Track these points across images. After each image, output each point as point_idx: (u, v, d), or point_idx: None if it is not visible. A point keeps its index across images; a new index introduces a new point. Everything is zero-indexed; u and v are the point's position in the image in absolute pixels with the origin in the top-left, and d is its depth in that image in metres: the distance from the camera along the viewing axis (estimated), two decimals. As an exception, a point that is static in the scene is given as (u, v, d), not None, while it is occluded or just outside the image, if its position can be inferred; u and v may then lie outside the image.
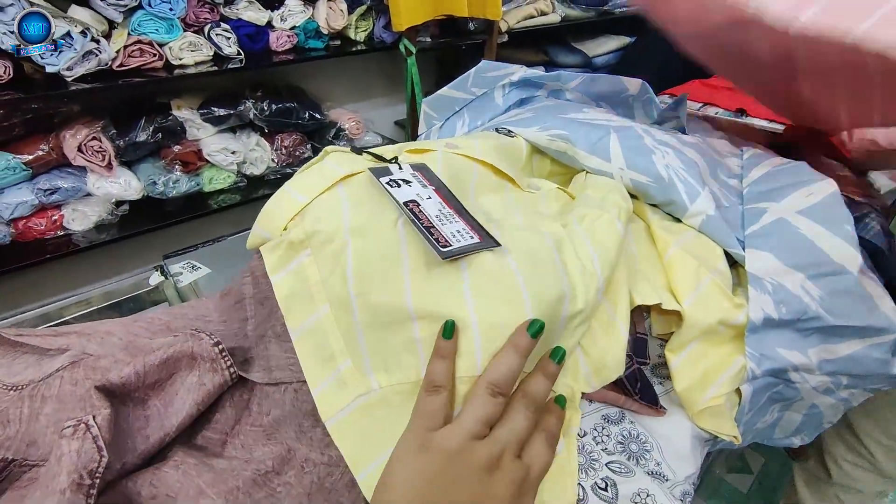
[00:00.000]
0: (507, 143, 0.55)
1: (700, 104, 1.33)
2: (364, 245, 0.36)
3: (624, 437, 0.39)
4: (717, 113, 1.14)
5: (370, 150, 0.45)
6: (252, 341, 0.42)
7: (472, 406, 0.30)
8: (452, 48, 1.69)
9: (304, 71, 1.59)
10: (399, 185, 0.38)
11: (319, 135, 1.54)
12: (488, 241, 0.36)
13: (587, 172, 0.53)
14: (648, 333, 0.47)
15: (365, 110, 1.72)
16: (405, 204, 0.36)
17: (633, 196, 0.53)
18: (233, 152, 1.38)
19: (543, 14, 1.76)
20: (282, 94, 1.47)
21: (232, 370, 0.39)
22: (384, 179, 0.39)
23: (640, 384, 0.40)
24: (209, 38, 1.24)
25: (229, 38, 1.26)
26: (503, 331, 0.32)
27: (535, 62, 1.89)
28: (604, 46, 2.09)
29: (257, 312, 0.44)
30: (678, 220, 0.50)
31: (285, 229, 0.39)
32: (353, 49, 1.48)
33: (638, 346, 0.44)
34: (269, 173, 1.49)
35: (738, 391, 0.44)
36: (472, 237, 0.35)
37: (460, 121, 0.70)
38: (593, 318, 0.41)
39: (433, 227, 0.35)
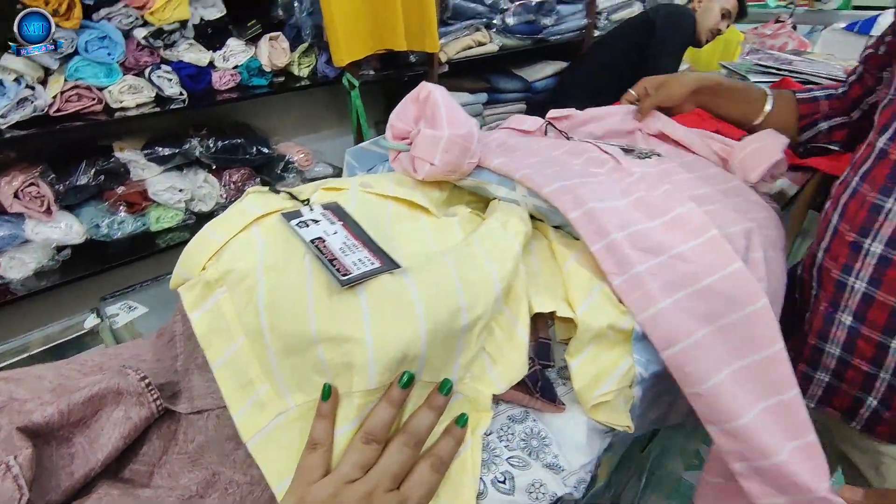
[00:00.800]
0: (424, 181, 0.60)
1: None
2: (274, 280, 0.39)
3: (527, 434, 0.43)
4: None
5: (287, 189, 0.49)
6: (180, 375, 0.44)
7: (347, 455, 0.34)
8: (395, 79, 1.76)
9: (249, 107, 1.62)
10: (308, 225, 0.42)
11: (268, 169, 1.57)
12: (389, 265, 0.40)
13: (498, 200, 0.59)
14: (553, 339, 0.52)
15: (313, 142, 1.76)
16: (311, 241, 0.40)
17: (539, 218, 0.59)
18: (180, 190, 1.39)
19: (481, 44, 1.86)
20: (227, 131, 1.50)
21: (158, 402, 0.41)
22: (294, 222, 0.43)
23: (541, 383, 0.45)
24: (150, 80, 1.26)
25: (171, 80, 1.28)
26: (396, 345, 0.36)
27: (477, 89, 1.99)
28: (542, 72, 2.22)
29: (185, 348, 0.46)
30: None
31: (204, 268, 0.42)
32: (298, 85, 1.52)
33: (541, 350, 0.49)
34: (219, 209, 1.50)
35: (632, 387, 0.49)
36: (373, 263, 0.40)
37: (379, 168, 0.75)
38: (497, 325, 0.45)
39: (336, 258, 0.39)
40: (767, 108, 0.81)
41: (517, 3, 1.89)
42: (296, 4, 1.39)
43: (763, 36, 2.66)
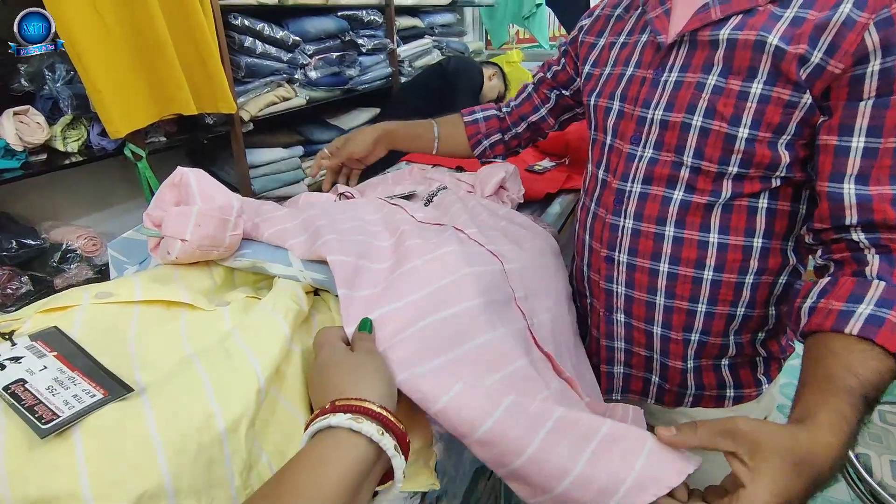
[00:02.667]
0: (190, 269, 0.56)
1: (431, 165, 1.50)
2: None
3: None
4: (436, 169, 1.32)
5: (-14, 320, 0.40)
6: None
7: None
8: (194, 143, 1.64)
9: (4, 193, 1.35)
10: (4, 367, 0.35)
11: (40, 262, 1.31)
12: (117, 392, 0.35)
13: (277, 278, 0.57)
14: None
15: (102, 222, 1.53)
16: (6, 388, 0.34)
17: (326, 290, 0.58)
18: None
19: (286, 99, 1.84)
20: (-26, 225, 1.22)
21: None
22: (-19, 365, 0.35)
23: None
24: None
25: None
26: (125, 490, 0.31)
27: (291, 143, 1.95)
28: (357, 119, 2.28)
29: None
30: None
31: None
32: (67, 162, 1.31)
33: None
34: (-28, 323, 1.20)
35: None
36: (93, 396, 0.34)
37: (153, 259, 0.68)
38: (273, 420, 0.43)
39: (39, 402, 0.33)
40: (435, 135, 0.95)
41: (317, 57, 1.92)
42: (47, 74, 1.21)
43: (544, 73, 3.09)
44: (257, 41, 1.65)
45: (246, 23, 1.61)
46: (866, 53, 0.50)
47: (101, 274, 1.37)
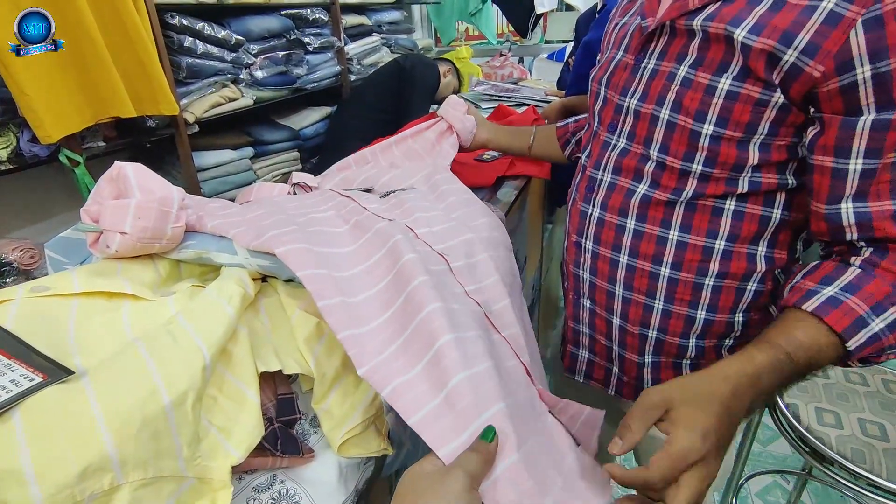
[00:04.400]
0: (134, 262, 0.55)
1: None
2: None
3: (274, 499, 0.42)
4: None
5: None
6: None
7: None
8: (136, 147, 1.58)
9: (-74, 207, 1.27)
10: (-67, 355, 0.35)
11: (-28, 278, 1.24)
12: (56, 375, 0.36)
13: (223, 267, 0.57)
14: (299, 391, 0.52)
15: (39, 234, 1.46)
16: (-64, 375, 0.33)
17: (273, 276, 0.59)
18: None
19: (232, 100, 1.80)
20: None
21: None
22: None
23: (280, 441, 0.45)
24: None
25: None
26: (68, 463, 0.32)
27: (240, 144, 1.92)
28: (308, 118, 2.26)
29: None
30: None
31: None
32: (-5, 170, 1.25)
33: (284, 406, 0.49)
34: None
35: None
36: (31, 380, 0.35)
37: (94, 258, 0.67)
38: (221, 395, 0.44)
39: (-26, 389, 0.33)
40: (531, 139, 1.02)
41: (262, 56, 1.89)
42: (-33, 78, 1.15)
43: (494, 67, 3.17)
44: (197, 41, 1.61)
45: (184, 22, 1.57)
46: (850, 58, 0.45)
47: (42, 286, 1.31)
